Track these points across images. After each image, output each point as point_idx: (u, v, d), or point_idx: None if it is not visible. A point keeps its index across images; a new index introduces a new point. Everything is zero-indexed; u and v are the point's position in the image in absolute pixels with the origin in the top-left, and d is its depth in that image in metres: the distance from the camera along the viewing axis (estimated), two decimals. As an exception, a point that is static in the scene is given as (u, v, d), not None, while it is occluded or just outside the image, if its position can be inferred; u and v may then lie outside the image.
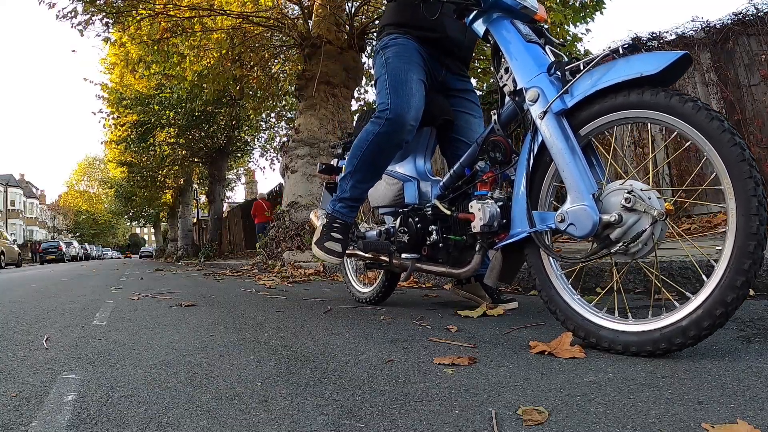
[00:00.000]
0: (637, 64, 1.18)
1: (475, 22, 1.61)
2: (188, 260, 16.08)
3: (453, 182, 1.83)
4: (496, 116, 1.60)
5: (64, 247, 28.03)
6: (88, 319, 2.21)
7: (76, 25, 6.94)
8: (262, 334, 1.68)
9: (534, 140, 1.40)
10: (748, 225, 1.02)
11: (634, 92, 1.18)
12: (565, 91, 1.30)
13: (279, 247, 6.64)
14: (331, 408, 0.91)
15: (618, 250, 1.20)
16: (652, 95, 1.15)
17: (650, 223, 1.15)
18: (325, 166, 2.47)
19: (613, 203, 1.22)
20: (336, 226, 1.97)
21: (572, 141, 1.30)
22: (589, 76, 1.26)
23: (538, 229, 1.37)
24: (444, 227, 1.83)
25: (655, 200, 1.17)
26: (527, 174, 1.41)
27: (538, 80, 1.38)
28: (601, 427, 0.77)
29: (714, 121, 1.07)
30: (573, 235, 1.28)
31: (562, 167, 1.30)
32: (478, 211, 1.57)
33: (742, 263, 1.02)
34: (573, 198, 1.28)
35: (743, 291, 1.02)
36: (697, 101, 1.11)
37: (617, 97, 1.21)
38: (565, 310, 1.32)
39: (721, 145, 1.06)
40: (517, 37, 1.47)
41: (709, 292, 1.06)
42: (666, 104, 1.13)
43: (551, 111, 1.32)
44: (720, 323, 1.05)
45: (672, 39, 5.09)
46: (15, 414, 0.93)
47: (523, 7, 1.51)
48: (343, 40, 7.16)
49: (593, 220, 1.22)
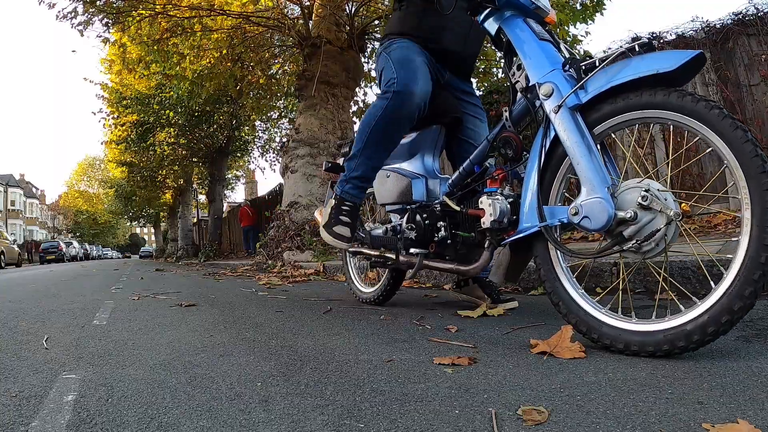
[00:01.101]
0: (652, 62, 1.17)
1: (487, 21, 1.61)
2: (188, 260, 16.08)
3: (462, 179, 1.81)
4: (507, 113, 1.59)
5: (64, 247, 28.01)
6: (88, 319, 2.21)
7: (76, 26, 6.95)
8: (262, 334, 1.68)
9: (546, 135, 1.39)
10: (762, 236, 1.02)
11: (647, 92, 1.17)
12: (581, 86, 1.29)
13: (279, 247, 6.64)
14: (331, 408, 0.91)
15: (631, 248, 1.19)
16: (665, 96, 1.14)
17: (665, 223, 1.15)
18: (331, 164, 2.46)
19: (628, 200, 1.21)
20: (344, 208, 1.93)
21: (586, 135, 1.29)
22: (604, 72, 1.25)
23: (549, 223, 1.36)
24: (452, 224, 1.81)
25: (672, 201, 1.17)
26: (538, 169, 1.40)
27: (553, 76, 1.38)
28: (601, 427, 0.77)
29: (738, 131, 1.06)
30: (586, 229, 1.26)
31: (576, 160, 1.29)
32: (489, 207, 1.56)
33: (753, 273, 1.02)
34: (587, 191, 1.26)
35: (751, 301, 1.02)
36: (716, 105, 1.10)
37: (631, 97, 1.20)
38: (569, 303, 1.31)
39: (743, 155, 1.06)
40: (531, 35, 1.47)
41: (716, 298, 1.06)
42: (680, 105, 1.12)
43: (566, 105, 1.31)
44: (724, 330, 1.05)
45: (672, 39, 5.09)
46: (15, 414, 0.93)
47: (537, 8, 1.51)
48: (343, 40, 7.16)
49: (608, 213, 1.21)
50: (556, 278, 1.36)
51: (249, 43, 8.04)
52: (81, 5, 6.74)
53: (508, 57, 1.57)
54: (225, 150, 17.13)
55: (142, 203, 26.50)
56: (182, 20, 7.32)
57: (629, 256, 1.24)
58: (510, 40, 1.53)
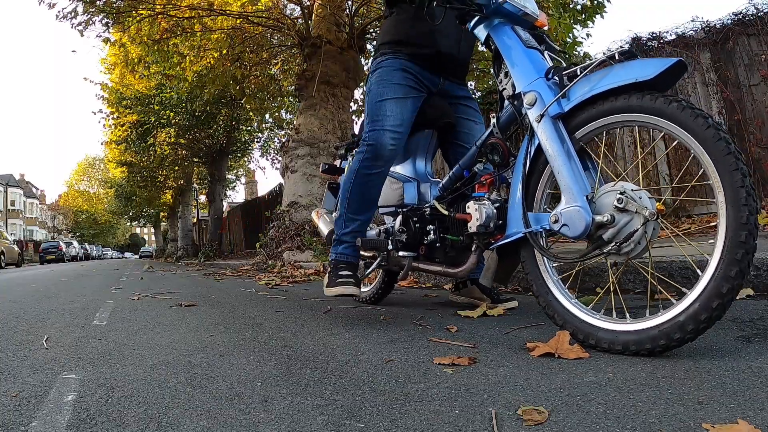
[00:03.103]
0: (632, 70, 1.20)
1: (477, 28, 1.62)
2: (188, 260, 16.08)
3: (452, 184, 1.85)
4: (495, 119, 1.62)
5: (64, 247, 28.01)
6: (88, 319, 2.21)
7: (76, 26, 6.94)
8: (262, 334, 1.68)
9: (531, 143, 1.42)
10: (738, 215, 1.04)
11: (621, 97, 1.21)
12: (563, 95, 1.32)
13: (279, 247, 6.64)
14: (331, 408, 0.91)
15: (611, 250, 1.22)
16: (638, 99, 1.18)
17: (642, 222, 1.17)
18: (329, 166, 2.47)
19: (605, 204, 1.24)
20: (342, 266, 1.91)
21: (567, 144, 1.32)
22: (586, 80, 1.28)
23: (533, 229, 1.40)
24: (442, 227, 1.84)
25: (647, 200, 1.19)
26: (524, 176, 1.43)
27: (536, 84, 1.41)
28: (601, 427, 0.77)
29: (699, 119, 1.10)
30: (566, 236, 1.30)
31: (557, 169, 1.33)
32: (475, 212, 1.59)
33: (735, 253, 1.03)
34: (567, 199, 1.30)
35: (738, 281, 1.03)
36: (681, 101, 1.13)
37: (608, 102, 1.24)
38: (563, 315, 1.33)
39: (706, 141, 1.09)
40: (518, 43, 1.49)
41: (704, 285, 1.07)
42: (652, 107, 1.16)
43: (548, 114, 1.34)
44: (717, 315, 1.06)
45: (672, 39, 5.09)
46: (15, 414, 0.93)
47: (524, 14, 1.53)
48: (343, 40, 7.16)
49: (586, 220, 1.25)
50: (548, 291, 1.39)
51: (249, 44, 8.03)
52: (81, 5, 6.74)
53: (497, 64, 1.60)
54: (225, 150, 17.13)
55: (142, 203, 26.49)
56: (182, 20, 7.32)
57: (612, 257, 1.25)
58: (498, 48, 1.55)
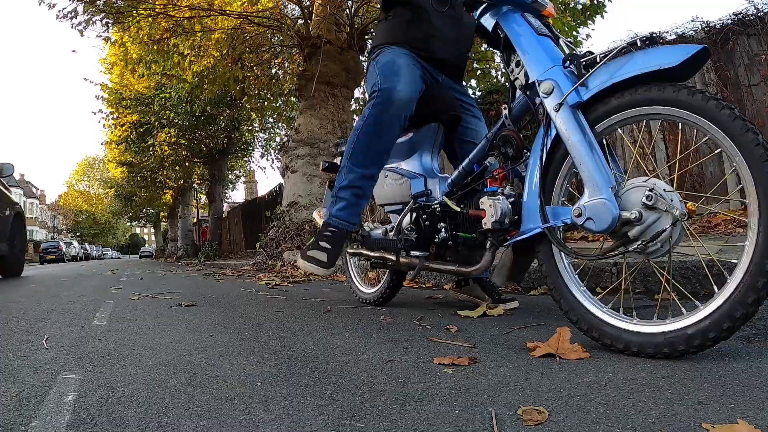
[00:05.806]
0: (655, 57, 1.14)
1: (484, 16, 1.58)
2: (188, 260, 16.08)
3: (461, 179, 1.79)
4: (506, 111, 1.56)
5: (64, 247, 28.04)
6: (88, 319, 2.21)
7: (77, 26, 6.95)
8: (262, 334, 1.67)
9: (547, 134, 1.35)
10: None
11: (655, 88, 1.13)
12: (582, 83, 1.26)
13: (279, 247, 6.64)
14: (331, 408, 0.91)
15: (636, 249, 1.17)
16: (675, 92, 1.10)
17: (670, 223, 1.12)
18: (329, 164, 2.45)
19: (632, 200, 1.18)
20: (327, 234, 1.84)
21: (589, 134, 1.25)
22: (605, 68, 1.22)
23: (552, 224, 1.33)
24: (453, 225, 1.78)
25: (678, 201, 1.14)
26: (540, 168, 1.36)
27: (552, 72, 1.35)
28: (601, 427, 0.76)
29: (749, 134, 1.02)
30: (590, 230, 1.24)
31: (578, 160, 1.26)
32: (490, 207, 1.53)
33: (757, 281, 1.00)
34: (591, 192, 1.23)
35: (753, 309, 1.01)
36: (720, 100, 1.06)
37: (635, 93, 1.17)
38: (571, 301, 1.29)
39: (753, 158, 1.02)
40: (529, 30, 1.44)
41: (719, 304, 1.04)
42: (689, 103, 1.08)
43: (567, 104, 1.28)
44: (725, 336, 1.04)
45: (672, 39, 5.09)
46: (15, 414, 0.93)
47: (534, 1, 1.49)
48: (343, 40, 7.16)
49: (613, 214, 1.18)
50: (559, 275, 1.34)
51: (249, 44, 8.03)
52: (81, 5, 6.74)
53: (506, 53, 1.54)
54: (226, 150, 17.13)
55: (142, 203, 26.49)
56: (182, 20, 7.32)
57: (633, 256, 1.22)
58: (508, 35, 1.50)
